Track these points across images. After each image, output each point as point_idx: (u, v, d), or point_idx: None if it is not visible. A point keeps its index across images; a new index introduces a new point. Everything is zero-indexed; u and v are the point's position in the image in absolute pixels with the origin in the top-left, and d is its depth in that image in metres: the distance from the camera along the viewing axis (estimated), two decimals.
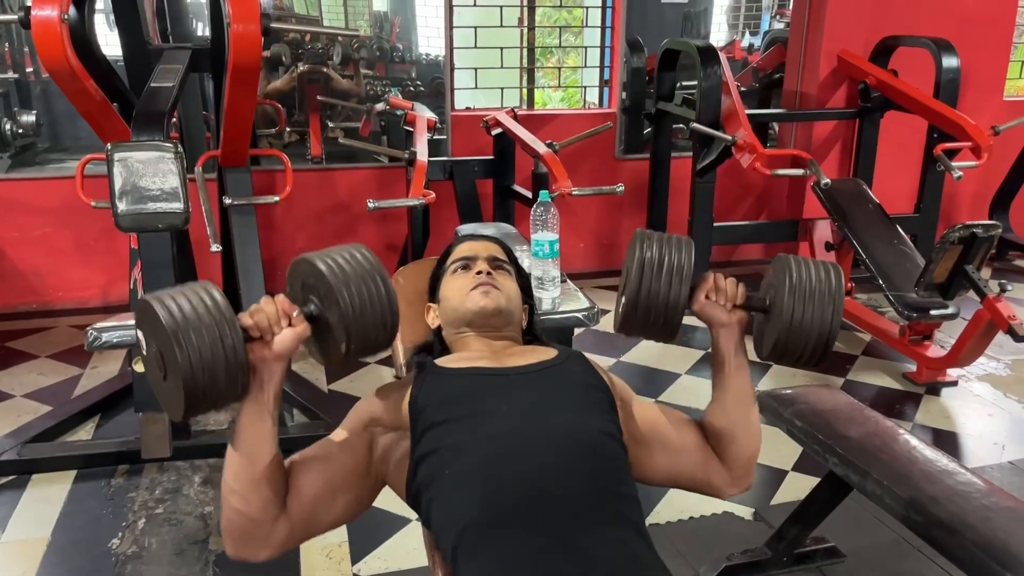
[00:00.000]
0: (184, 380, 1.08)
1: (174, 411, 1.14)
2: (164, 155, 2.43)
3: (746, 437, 1.41)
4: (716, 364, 1.42)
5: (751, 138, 3.53)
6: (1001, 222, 3.80)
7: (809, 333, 1.30)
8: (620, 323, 1.38)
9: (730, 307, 1.38)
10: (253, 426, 1.20)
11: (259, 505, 1.21)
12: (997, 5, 4.56)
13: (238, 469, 1.21)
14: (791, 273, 1.33)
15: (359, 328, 1.21)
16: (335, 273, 1.21)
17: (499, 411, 1.30)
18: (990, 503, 1.56)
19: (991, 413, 3.12)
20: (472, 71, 4.45)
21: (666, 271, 1.32)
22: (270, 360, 1.19)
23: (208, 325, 1.10)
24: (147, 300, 1.12)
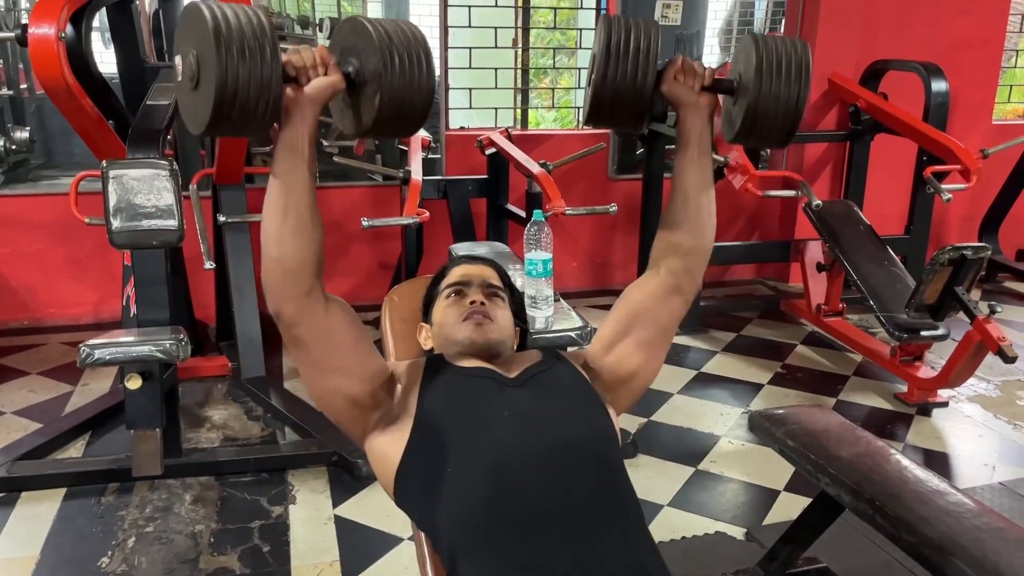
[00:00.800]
0: (218, 84, 1.09)
1: (198, 121, 1.16)
2: (159, 172, 2.43)
3: (702, 221, 1.43)
4: (680, 147, 1.42)
5: (743, 160, 3.56)
6: (990, 244, 3.84)
7: (776, 106, 1.30)
8: (588, 111, 1.37)
9: (698, 88, 1.38)
10: (287, 169, 1.23)
11: (295, 253, 1.24)
12: (986, 30, 4.63)
13: (275, 216, 1.23)
14: (758, 49, 1.31)
15: (395, 80, 1.20)
16: (377, 29, 1.22)
17: (500, 417, 1.32)
18: (981, 524, 1.56)
19: (981, 434, 3.13)
20: (467, 91, 4.48)
21: (632, 53, 1.31)
22: (303, 103, 1.20)
23: (251, 40, 1.12)
24: (197, 5, 1.14)
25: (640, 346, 1.47)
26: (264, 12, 1.16)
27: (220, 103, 1.11)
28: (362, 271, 4.32)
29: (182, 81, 1.19)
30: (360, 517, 2.50)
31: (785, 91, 1.29)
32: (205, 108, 1.13)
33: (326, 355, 1.32)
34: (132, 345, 2.36)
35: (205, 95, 1.13)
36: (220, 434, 3.01)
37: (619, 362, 1.47)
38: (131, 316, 2.72)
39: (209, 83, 1.11)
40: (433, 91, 1.25)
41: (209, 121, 1.13)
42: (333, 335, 1.31)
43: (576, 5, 4.89)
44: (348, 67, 1.24)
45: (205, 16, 1.11)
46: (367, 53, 1.22)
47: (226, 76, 1.10)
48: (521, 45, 4.70)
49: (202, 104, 1.14)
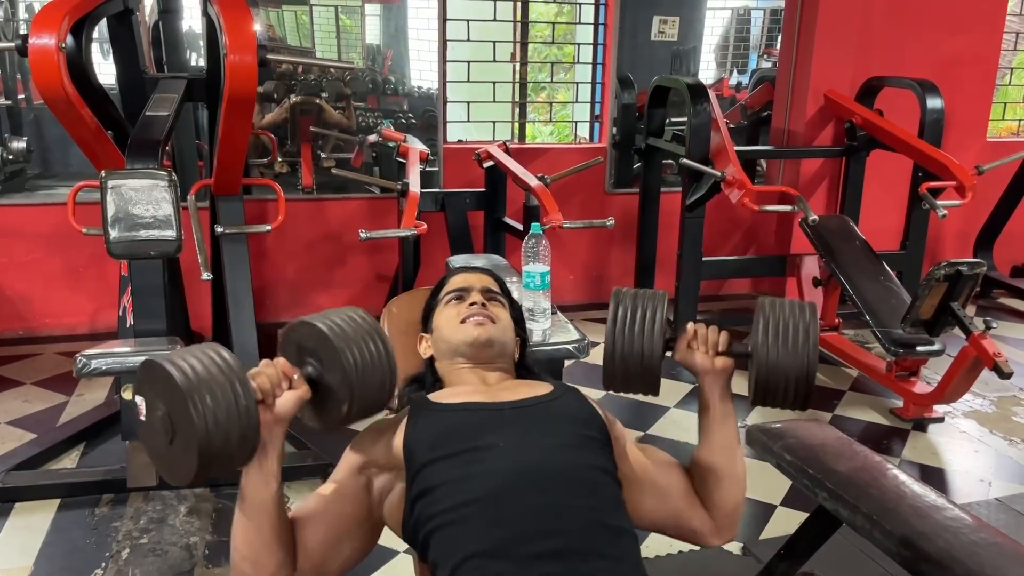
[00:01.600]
0: (200, 441, 1.05)
1: (182, 476, 1.12)
2: (158, 183, 2.44)
3: (731, 484, 1.41)
4: (702, 411, 1.42)
5: (740, 174, 3.57)
6: (985, 260, 3.85)
7: (787, 373, 1.31)
8: (604, 380, 1.40)
9: (713, 354, 1.39)
10: (259, 492, 1.20)
11: (272, 568, 1.21)
12: (980, 48, 4.66)
13: (248, 536, 1.21)
14: (764, 315, 1.35)
15: (361, 388, 1.21)
16: (337, 334, 1.20)
17: (495, 446, 1.29)
18: (978, 539, 1.56)
19: (977, 450, 3.13)
20: (465, 104, 4.49)
21: (639, 324, 1.35)
22: (271, 424, 1.18)
23: (222, 384, 1.08)
24: (155, 361, 1.10)
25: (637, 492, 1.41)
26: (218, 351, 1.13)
27: (205, 455, 1.07)
28: (359, 283, 4.32)
29: (150, 429, 1.14)
30: None
31: (791, 361, 1.31)
32: (188, 463, 1.09)
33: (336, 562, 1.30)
34: (128, 355, 2.36)
35: (185, 457, 1.09)
36: None
37: (624, 469, 1.41)
38: (128, 326, 2.72)
39: (189, 439, 1.07)
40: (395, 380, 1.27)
41: (195, 474, 1.09)
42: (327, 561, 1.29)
43: (574, 20, 4.92)
44: (308, 368, 1.23)
45: (172, 374, 1.06)
46: (330, 363, 1.21)
47: (206, 432, 1.06)
48: (519, 59, 4.73)
49: (181, 463, 1.10)
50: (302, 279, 4.25)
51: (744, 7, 5.76)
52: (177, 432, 1.09)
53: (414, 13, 4.60)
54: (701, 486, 1.42)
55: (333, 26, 4.70)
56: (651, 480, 1.43)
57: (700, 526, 1.43)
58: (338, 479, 1.35)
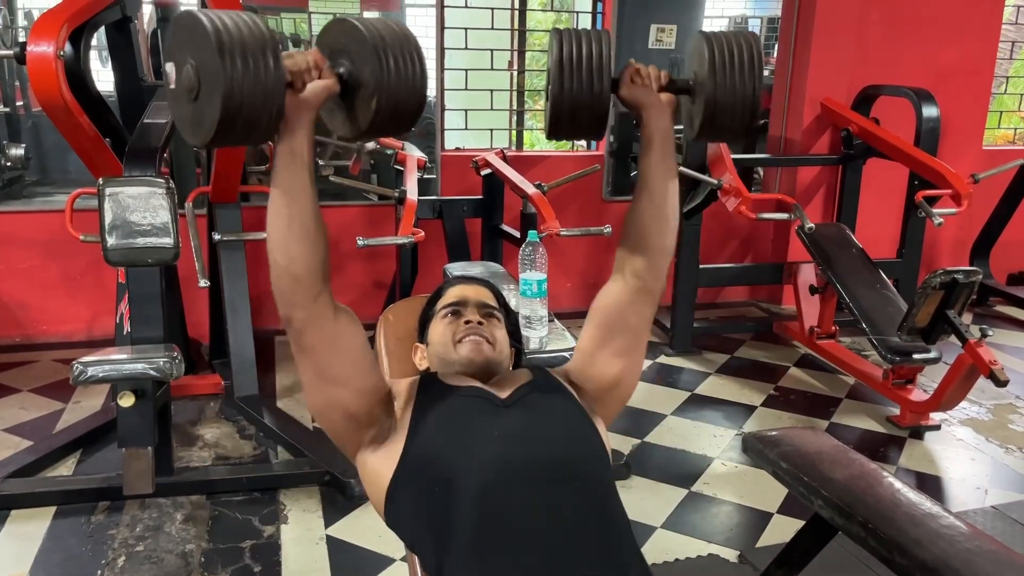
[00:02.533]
0: (225, 93, 1.07)
1: (202, 132, 1.13)
2: (155, 190, 2.44)
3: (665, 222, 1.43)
4: (644, 147, 1.42)
5: (737, 182, 3.58)
6: (981, 268, 3.87)
7: (734, 99, 1.31)
8: (549, 127, 1.38)
9: (656, 88, 1.39)
10: (289, 175, 1.22)
11: (302, 260, 1.24)
12: (976, 57, 4.68)
13: (279, 224, 1.23)
14: (711, 46, 1.33)
15: (391, 84, 1.20)
16: (370, 31, 1.21)
17: (491, 438, 1.31)
18: (973, 547, 1.57)
19: (973, 457, 3.14)
20: (462, 112, 4.51)
21: (586, 64, 1.32)
22: (301, 108, 1.20)
23: (252, 46, 1.10)
24: (192, 13, 1.12)
25: (618, 353, 1.48)
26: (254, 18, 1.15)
27: (226, 116, 1.09)
28: (357, 290, 4.32)
29: (177, 91, 1.17)
30: (352, 537, 2.49)
31: (740, 83, 1.31)
32: (208, 121, 1.11)
33: (330, 363, 1.32)
34: (125, 363, 2.36)
35: (208, 108, 1.11)
36: (212, 453, 3.00)
37: (601, 372, 1.48)
38: (125, 334, 2.72)
39: (213, 96, 1.09)
40: (426, 90, 1.26)
41: (214, 134, 1.11)
42: (339, 343, 1.32)
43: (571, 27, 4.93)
44: (340, 68, 1.24)
45: (204, 26, 1.09)
46: (361, 56, 1.21)
47: (232, 89, 1.08)
48: (517, 67, 4.74)
49: (205, 116, 1.12)
50: None
51: (741, 16, 5.80)
52: (204, 85, 1.10)
53: (412, 21, 4.63)
54: (639, 232, 1.44)
55: None
56: (610, 353, 1.48)
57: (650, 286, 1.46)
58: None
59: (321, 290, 1.27)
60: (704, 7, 5.54)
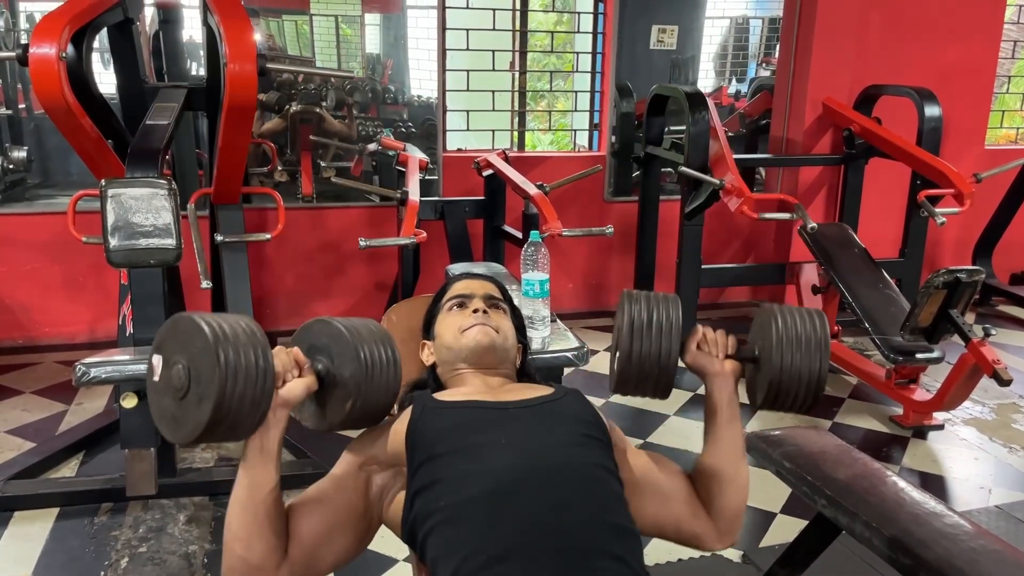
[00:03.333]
0: (217, 395, 1.08)
1: (188, 431, 1.13)
2: (157, 192, 2.44)
3: (734, 489, 1.42)
4: (709, 414, 1.43)
5: (739, 182, 3.58)
6: (984, 267, 3.85)
7: (799, 380, 1.32)
8: (615, 383, 1.39)
9: (721, 357, 1.40)
10: (257, 471, 1.21)
11: (262, 552, 1.22)
12: (978, 56, 4.67)
13: (243, 517, 1.22)
14: (777, 322, 1.35)
15: (369, 387, 1.23)
16: (352, 333, 1.25)
17: (497, 443, 1.30)
18: (977, 546, 1.56)
19: (977, 457, 3.13)
20: (464, 113, 4.51)
21: (655, 329, 1.35)
22: (277, 406, 1.21)
23: (245, 345, 1.12)
24: (185, 316, 1.14)
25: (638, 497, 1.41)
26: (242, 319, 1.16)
27: (213, 423, 1.09)
28: (359, 291, 4.32)
29: (161, 384, 1.16)
30: None
31: (805, 366, 1.32)
32: (193, 424, 1.11)
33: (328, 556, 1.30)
34: (128, 364, 2.36)
35: (195, 412, 1.11)
36: (215, 454, 3.00)
37: (626, 474, 1.40)
38: (127, 335, 2.72)
39: (203, 403, 1.09)
40: (399, 389, 1.30)
41: (196, 437, 1.11)
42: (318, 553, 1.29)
43: (573, 29, 4.94)
44: (318, 365, 1.27)
45: (206, 335, 1.09)
46: (342, 358, 1.24)
47: (224, 388, 1.08)
48: (518, 68, 4.74)
49: (189, 418, 1.12)
50: (302, 288, 4.26)
51: (743, 16, 5.79)
52: (193, 384, 1.11)
53: (413, 23, 4.62)
54: (704, 491, 1.42)
55: (333, 36, 4.72)
56: (652, 484, 1.43)
57: (702, 531, 1.43)
58: (337, 473, 1.36)
59: (280, 561, 1.25)
60: (705, 8, 5.53)
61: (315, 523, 1.29)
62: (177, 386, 1.13)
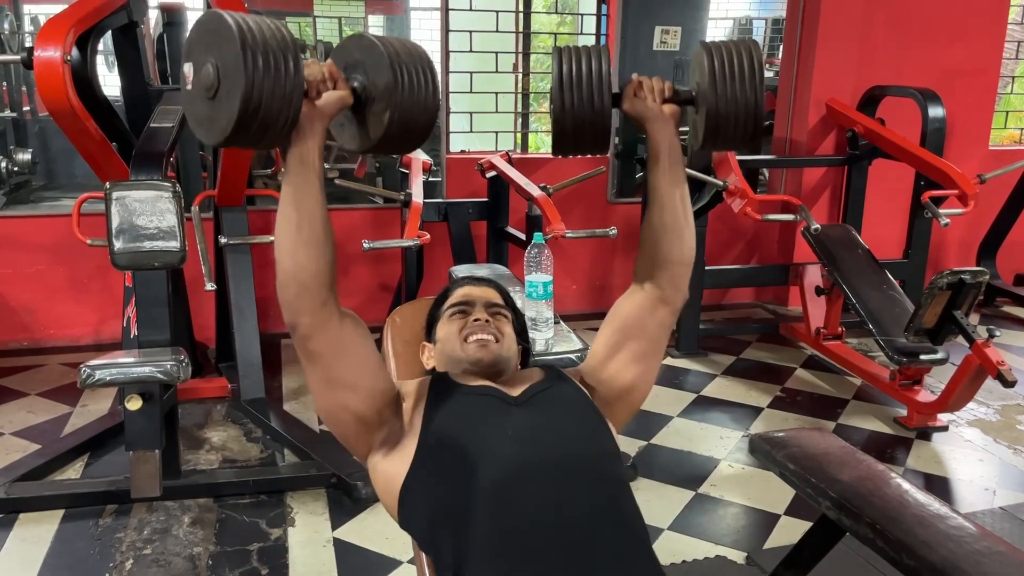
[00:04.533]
0: (245, 92, 1.09)
1: (216, 131, 1.15)
2: (162, 194, 2.45)
3: (681, 234, 1.43)
4: (651, 160, 1.43)
5: (742, 183, 3.58)
6: (988, 268, 3.85)
7: (736, 109, 1.32)
8: (553, 145, 1.39)
9: (660, 101, 1.40)
10: (299, 181, 1.23)
11: (308, 263, 1.25)
12: (982, 57, 4.67)
13: (287, 227, 1.24)
14: (711, 59, 1.34)
15: (406, 100, 1.22)
16: (386, 45, 1.23)
17: (504, 435, 1.32)
18: (982, 548, 1.56)
19: (981, 458, 3.13)
20: (467, 115, 4.51)
21: (586, 81, 1.34)
22: (314, 117, 1.21)
23: (276, 52, 1.12)
24: (217, 13, 1.13)
25: (633, 359, 1.48)
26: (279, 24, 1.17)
27: (243, 115, 1.10)
28: (363, 293, 4.33)
29: (193, 90, 1.18)
30: (359, 540, 2.49)
31: (742, 93, 1.32)
32: (225, 119, 1.13)
33: (337, 369, 1.33)
34: (133, 366, 2.37)
35: (226, 106, 1.12)
36: (219, 456, 3.01)
37: (614, 377, 1.48)
38: (132, 337, 2.73)
39: (232, 95, 1.11)
40: (438, 108, 1.28)
41: (229, 133, 1.12)
42: (346, 348, 1.33)
43: (576, 31, 4.94)
44: (354, 82, 1.26)
45: (230, 25, 1.10)
46: (376, 70, 1.23)
47: (251, 89, 1.09)
48: (521, 70, 4.75)
49: (221, 115, 1.14)
50: None
51: (746, 17, 5.79)
52: (222, 86, 1.12)
53: (417, 24, 4.64)
54: (654, 245, 1.44)
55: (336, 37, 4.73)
56: (626, 359, 1.48)
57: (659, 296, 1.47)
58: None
59: (327, 296, 1.28)
60: (708, 9, 5.54)
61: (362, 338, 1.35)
62: (207, 85, 1.14)
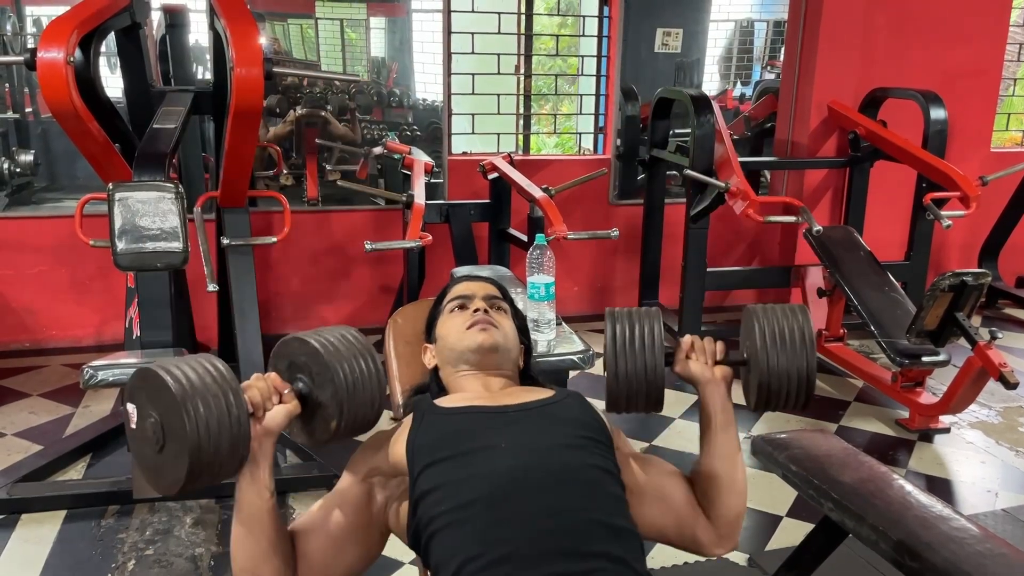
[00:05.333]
0: (191, 449, 1.07)
1: (169, 483, 1.12)
2: (164, 195, 2.45)
3: (733, 493, 1.42)
4: (703, 421, 1.43)
5: (744, 185, 3.58)
6: (990, 270, 3.85)
7: (788, 379, 1.33)
8: (608, 401, 1.39)
9: (711, 363, 1.41)
10: (253, 503, 1.21)
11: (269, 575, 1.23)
12: (984, 59, 4.67)
13: (246, 546, 1.23)
14: (759, 323, 1.36)
15: (351, 405, 1.22)
16: (329, 351, 1.22)
17: (497, 447, 1.30)
18: (984, 550, 1.56)
19: (983, 460, 3.12)
20: (469, 117, 4.51)
21: (639, 340, 1.36)
22: (261, 436, 1.20)
23: (215, 394, 1.10)
24: (150, 368, 1.11)
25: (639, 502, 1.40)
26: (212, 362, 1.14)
27: (195, 463, 1.08)
28: (364, 294, 4.33)
29: (140, 435, 1.16)
30: None
31: (793, 364, 1.33)
32: (174, 475, 1.10)
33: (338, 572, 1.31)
34: (136, 366, 2.36)
35: (173, 466, 1.10)
36: None
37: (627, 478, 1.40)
38: (134, 338, 2.73)
39: (180, 447, 1.08)
40: (384, 397, 1.28)
41: (184, 483, 1.10)
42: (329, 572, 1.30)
43: (578, 32, 4.94)
44: (299, 384, 1.25)
45: (167, 382, 1.08)
46: (321, 378, 1.22)
47: (198, 440, 1.07)
48: (523, 71, 4.75)
49: (169, 471, 1.11)
50: (307, 291, 4.27)
51: (747, 19, 5.79)
52: (168, 440, 1.10)
53: (419, 26, 4.63)
54: (703, 496, 1.42)
55: (338, 39, 4.73)
56: (653, 489, 1.42)
57: (702, 535, 1.43)
58: (341, 488, 1.36)
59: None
60: (710, 11, 5.53)
61: (321, 541, 1.30)
62: (153, 440, 1.12)
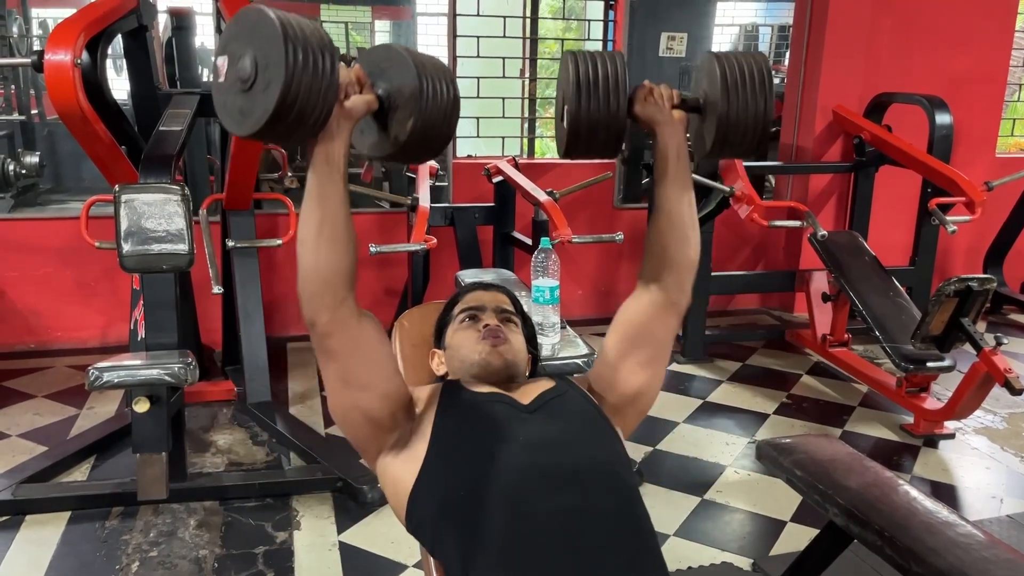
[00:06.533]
0: (282, 89, 1.10)
1: (249, 123, 1.16)
2: (170, 197, 2.46)
3: (686, 235, 1.44)
4: (659, 166, 1.44)
5: (749, 189, 3.58)
6: (995, 276, 3.84)
7: (746, 119, 1.34)
8: (565, 147, 1.41)
9: (669, 107, 1.42)
10: (324, 179, 1.24)
11: (329, 261, 1.26)
12: (989, 64, 4.67)
13: (311, 223, 1.26)
14: (720, 67, 1.36)
15: (428, 108, 1.25)
16: (416, 59, 1.26)
17: (515, 441, 1.33)
18: (990, 555, 1.56)
19: (988, 466, 3.12)
20: (474, 120, 4.52)
21: (603, 83, 1.36)
22: (342, 118, 1.23)
23: (314, 45, 1.14)
24: (258, 7, 1.15)
25: (641, 365, 1.49)
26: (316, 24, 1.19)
27: (280, 108, 1.12)
28: (368, 297, 4.33)
29: (226, 83, 1.20)
30: (365, 543, 2.49)
31: (752, 102, 1.34)
32: (261, 111, 1.14)
33: (353, 368, 1.34)
34: (141, 368, 2.37)
35: (263, 99, 1.14)
36: (225, 459, 3.01)
37: (623, 382, 1.49)
38: (139, 340, 2.73)
39: (270, 88, 1.12)
40: (457, 121, 1.30)
41: (264, 124, 1.14)
42: (362, 348, 1.34)
43: (582, 37, 4.95)
44: (379, 89, 1.28)
45: (273, 20, 1.12)
46: (403, 79, 1.26)
47: (291, 82, 1.11)
48: (528, 75, 4.76)
49: (257, 107, 1.15)
50: None
51: (752, 24, 5.80)
52: (261, 72, 1.14)
53: (424, 30, 4.65)
54: (660, 248, 1.45)
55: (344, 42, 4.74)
56: (634, 364, 1.48)
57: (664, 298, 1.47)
58: None
59: (347, 296, 1.29)
60: (714, 16, 5.54)
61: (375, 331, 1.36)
62: (244, 77, 1.16)
